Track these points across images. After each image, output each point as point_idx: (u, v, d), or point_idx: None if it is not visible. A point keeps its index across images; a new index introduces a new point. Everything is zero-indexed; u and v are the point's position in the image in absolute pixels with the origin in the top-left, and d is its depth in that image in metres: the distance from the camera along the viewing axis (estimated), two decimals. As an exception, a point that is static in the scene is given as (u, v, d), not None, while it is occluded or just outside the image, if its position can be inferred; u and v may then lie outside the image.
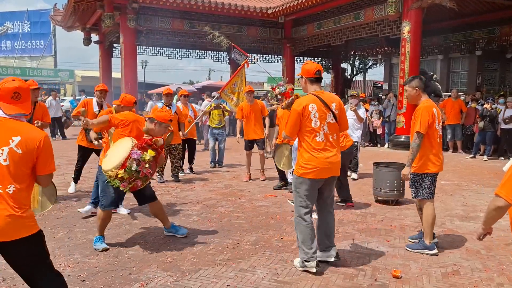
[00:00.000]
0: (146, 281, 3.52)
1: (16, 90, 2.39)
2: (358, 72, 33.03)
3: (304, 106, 3.63)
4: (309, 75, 3.76)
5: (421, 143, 4.11)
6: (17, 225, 2.29)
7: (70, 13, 18.21)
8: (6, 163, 2.30)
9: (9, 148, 2.31)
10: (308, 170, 3.66)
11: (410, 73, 12.77)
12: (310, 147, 3.66)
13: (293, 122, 3.69)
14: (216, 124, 9.41)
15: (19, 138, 2.33)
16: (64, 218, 5.37)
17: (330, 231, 3.89)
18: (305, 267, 3.69)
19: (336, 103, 3.76)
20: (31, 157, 2.37)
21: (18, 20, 34.87)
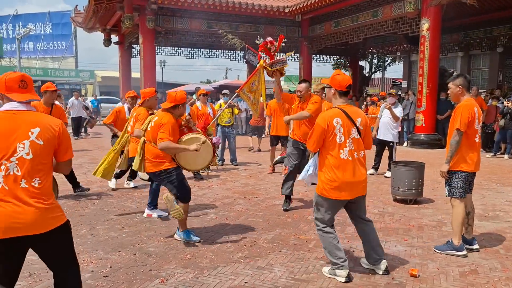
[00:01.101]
0: (166, 277, 3.61)
1: (22, 79, 2.39)
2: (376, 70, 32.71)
3: (329, 122, 3.50)
4: (340, 87, 3.61)
5: (460, 141, 4.05)
6: (48, 216, 2.32)
7: (91, 15, 18.55)
8: (29, 156, 2.28)
9: (30, 141, 2.29)
10: (331, 190, 3.53)
11: (430, 70, 12.64)
12: (333, 164, 3.52)
13: (317, 137, 3.54)
14: (225, 122, 9.50)
15: (38, 129, 2.31)
16: (86, 215, 5.52)
17: (374, 242, 3.71)
18: (334, 275, 3.58)
19: (362, 119, 3.64)
20: (53, 145, 2.37)
21: (40, 21, 35.67)
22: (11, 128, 2.28)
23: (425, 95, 12.76)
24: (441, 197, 6.57)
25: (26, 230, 2.25)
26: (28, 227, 2.25)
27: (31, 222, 2.25)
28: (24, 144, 2.27)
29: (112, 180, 6.69)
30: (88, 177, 7.98)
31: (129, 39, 20.44)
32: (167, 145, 4.23)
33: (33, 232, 2.27)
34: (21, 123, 2.30)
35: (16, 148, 2.26)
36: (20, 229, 2.24)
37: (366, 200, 6.14)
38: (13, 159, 2.25)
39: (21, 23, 34.80)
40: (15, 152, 2.26)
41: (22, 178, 2.26)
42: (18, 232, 2.24)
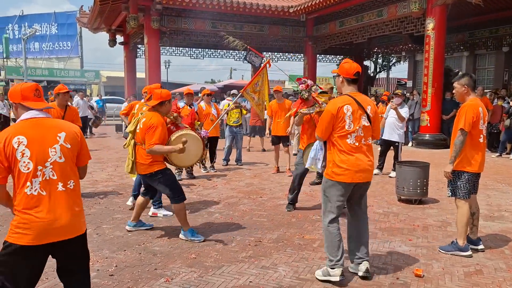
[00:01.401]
0: (171, 276, 3.63)
1: (36, 88, 2.46)
2: (381, 70, 32.62)
3: (339, 108, 3.50)
4: (347, 75, 3.60)
5: (464, 141, 4.04)
6: (81, 220, 2.43)
7: (96, 15, 18.64)
8: (62, 160, 2.36)
9: (60, 145, 2.36)
10: (340, 173, 3.52)
11: (435, 70, 12.60)
12: (342, 149, 3.52)
13: (326, 124, 3.54)
14: (233, 122, 9.53)
15: (64, 133, 2.40)
16: (92, 215, 5.55)
17: (362, 240, 3.68)
18: (328, 275, 3.53)
19: (372, 107, 3.64)
20: (77, 149, 2.47)
21: (45, 22, 35.88)
22: (40, 134, 2.33)
23: (430, 95, 12.72)
24: (446, 197, 6.53)
25: (63, 234, 2.32)
26: (63, 232, 2.32)
27: (66, 226, 2.33)
28: (55, 149, 2.35)
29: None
30: (93, 176, 8.03)
31: (134, 40, 20.51)
32: (155, 149, 4.25)
33: (68, 236, 2.35)
34: (48, 129, 2.37)
35: (49, 153, 2.33)
36: (57, 234, 2.30)
37: (371, 199, 6.20)
38: (47, 164, 2.32)
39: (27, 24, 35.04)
40: (48, 157, 2.32)
41: (58, 181, 2.34)
42: (52, 237, 2.30)
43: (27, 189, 2.28)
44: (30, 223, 2.26)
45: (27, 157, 2.28)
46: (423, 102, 13.04)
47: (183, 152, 4.26)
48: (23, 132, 2.31)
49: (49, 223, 2.27)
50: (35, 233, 2.25)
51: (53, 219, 2.28)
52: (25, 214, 2.27)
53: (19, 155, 2.27)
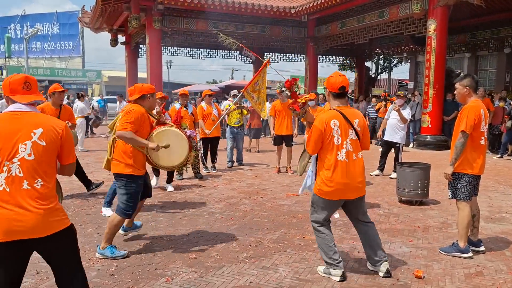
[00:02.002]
0: (171, 276, 3.64)
1: (25, 80, 2.37)
2: (382, 71, 32.61)
3: (326, 123, 3.50)
4: (332, 89, 3.58)
5: (465, 143, 4.02)
6: (50, 219, 2.28)
7: (98, 15, 18.65)
8: (31, 157, 2.25)
9: (32, 142, 2.26)
10: (327, 190, 3.52)
11: (436, 71, 12.59)
12: (330, 165, 3.50)
13: (315, 139, 3.54)
14: (234, 122, 9.53)
15: (41, 130, 2.29)
16: (93, 214, 5.56)
17: (373, 243, 3.68)
18: (329, 274, 3.60)
19: (360, 120, 3.62)
20: (56, 147, 2.34)
21: (47, 22, 35.95)
22: (13, 129, 2.26)
23: (432, 96, 12.71)
24: (447, 199, 6.51)
25: (27, 233, 2.22)
26: (30, 230, 2.22)
27: (32, 225, 2.22)
28: (26, 145, 2.25)
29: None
30: (94, 176, 8.03)
31: (135, 39, 20.53)
32: (124, 134, 3.88)
33: (35, 235, 2.24)
34: (24, 124, 2.28)
35: (18, 149, 2.24)
36: (21, 232, 2.21)
37: (372, 201, 6.19)
38: (15, 160, 2.23)
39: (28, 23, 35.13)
40: (17, 153, 2.23)
41: (24, 179, 2.24)
42: (19, 235, 2.21)
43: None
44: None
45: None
46: (424, 103, 13.02)
47: (157, 151, 3.99)
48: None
49: (11, 221, 2.19)
50: (2, 229, 2.18)
51: (14, 217, 2.19)
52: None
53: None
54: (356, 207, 3.72)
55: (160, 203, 6.10)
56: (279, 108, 8.51)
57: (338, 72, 3.77)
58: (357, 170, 3.57)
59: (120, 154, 4.05)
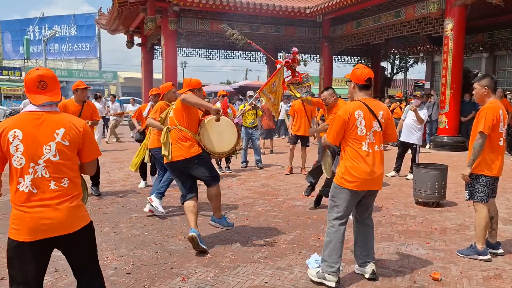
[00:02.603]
0: (187, 276, 3.66)
1: (40, 79, 2.30)
2: (398, 71, 32.31)
3: (350, 113, 3.47)
4: (359, 81, 3.57)
5: (483, 144, 3.97)
6: (75, 216, 2.32)
7: (115, 17, 18.89)
8: (56, 158, 2.26)
9: (56, 142, 2.27)
10: (350, 180, 3.48)
11: (453, 71, 12.42)
12: (353, 156, 3.48)
13: (337, 129, 3.51)
14: (249, 123, 9.54)
15: (63, 130, 2.29)
16: (110, 213, 5.63)
17: (368, 245, 3.68)
18: (323, 279, 3.49)
19: (384, 112, 3.59)
20: (77, 145, 2.35)
21: (65, 24, 36.54)
22: (36, 130, 2.26)
23: (449, 97, 12.54)
24: (464, 201, 6.41)
25: (55, 230, 2.26)
26: (57, 228, 2.26)
27: (59, 222, 2.26)
28: (50, 146, 2.26)
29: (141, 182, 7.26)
30: (110, 176, 8.14)
31: (151, 41, 20.73)
32: (190, 96, 4.18)
33: (61, 232, 2.28)
34: (46, 125, 2.28)
35: (43, 150, 2.25)
36: (49, 230, 2.25)
37: (388, 202, 6.15)
38: (40, 162, 2.24)
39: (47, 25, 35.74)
40: (41, 154, 2.25)
41: (51, 179, 2.26)
42: (47, 233, 2.25)
43: (19, 185, 2.24)
44: (22, 219, 2.23)
45: (20, 152, 2.22)
46: (441, 104, 12.85)
47: (219, 119, 4.23)
48: (20, 125, 2.25)
49: (38, 220, 2.22)
50: (28, 230, 2.21)
51: (42, 217, 2.22)
52: (17, 210, 2.25)
53: (13, 149, 2.22)
54: (368, 203, 3.69)
55: (175, 203, 6.14)
56: (298, 108, 8.50)
57: (362, 65, 3.75)
58: (378, 161, 3.55)
59: (180, 139, 4.28)
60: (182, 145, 4.27)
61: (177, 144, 4.28)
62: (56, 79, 2.38)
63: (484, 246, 4.09)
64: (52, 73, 2.39)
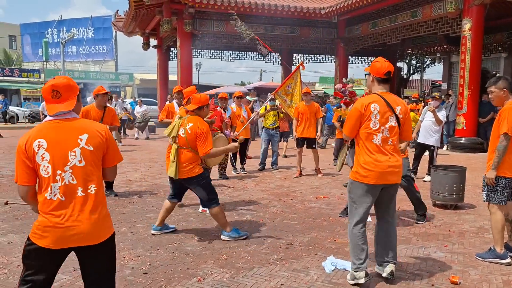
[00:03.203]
0: (203, 276, 3.68)
1: (53, 88, 2.27)
2: (415, 71, 31.94)
3: (366, 105, 3.44)
4: (378, 74, 3.52)
5: (507, 145, 3.89)
6: (102, 226, 2.29)
7: (131, 19, 19.11)
8: (82, 164, 2.25)
9: (81, 148, 2.26)
10: (364, 175, 3.47)
11: (471, 72, 12.23)
12: (367, 149, 3.47)
13: (353, 121, 3.50)
14: (270, 124, 9.52)
15: (86, 135, 2.28)
16: (126, 213, 5.69)
17: (389, 244, 3.61)
18: (354, 279, 3.50)
19: (402, 107, 3.53)
20: (102, 151, 2.34)
21: (82, 26, 37.05)
22: (60, 137, 2.25)
23: (467, 97, 12.35)
24: (483, 203, 6.32)
25: (82, 241, 2.24)
26: (83, 238, 2.23)
27: (86, 232, 2.23)
28: (75, 152, 2.25)
29: None
30: (127, 176, 8.22)
31: (167, 43, 20.90)
32: (212, 152, 4.45)
33: (86, 243, 2.25)
34: (69, 131, 2.27)
35: (68, 157, 2.24)
36: (74, 241, 2.22)
37: (405, 204, 6.07)
38: (67, 168, 2.23)
39: (65, 28, 36.30)
40: (67, 161, 2.24)
41: (78, 186, 2.24)
42: (71, 243, 2.23)
43: (47, 193, 2.23)
44: (48, 227, 2.21)
45: (47, 161, 2.22)
46: (459, 105, 12.67)
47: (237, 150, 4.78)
48: (43, 135, 2.25)
49: (66, 230, 2.20)
50: (53, 238, 2.21)
51: (70, 226, 2.21)
52: (45, 218, 2.23)
53: (39, 159, 2.22)
54: (387, 199, 3.61)
55: (190, 204, 6.18)
56: (303, 110, 8.35)
57: (382, 58, 3.69)
58: (394, 154, 3.49)
59: (187, 161, 4.51)
60: (187, 167, 4.51)
61: (182, 165, 4.52)
62: (70, 87, 2.33)
63: (503, 249, 4.02)
64: (67, 81, 2.33)
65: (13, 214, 5.56)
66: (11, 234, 4.76)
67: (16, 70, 33.28)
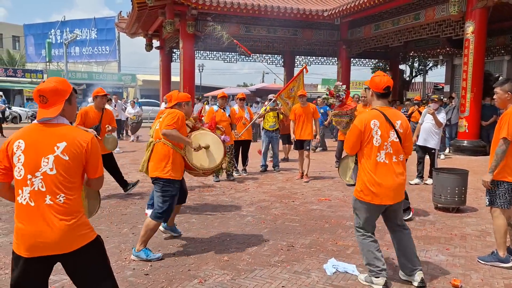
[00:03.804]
0: (204, 278, 3.68)
1: (39, 93, 2.22)
2: (417, 74, 31.91)
3: (366, 123, 3.42)
4: (377, 89, 3.50)
5: (506, 150, 3.88)
6: (72, 235, 2.20)
7: (134, 21, 19.16)
8: (53, 172, 2.17)
9: (55, 156, 2.17)
10: (368, 194, 3.43)
11: (474, 75, 12.22)
12: (370, 168, 3.42)
13: (354, 139, 3.47)
14: (270, 126, 9.51)
15: (64, 144, 2.19)
16: (128, 214, 5.70)
17: (408, 251, 3.57)
18: (371, 282, 3.51)
19: (402, 121, 3.50)
20: (80, 161, 2.24)
21: (86, 27, 37.15)
22: (38, 141, 2.20)
23: (469, 100, 12.33)
24: (485, 206, 6.31)
25: (50, 249, 2.17)
26: (52, 246, 2.17)
27: (55, 241, 2.16)
28: (48, 159, 2.17)
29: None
30: (129, 177, 8.22)
31: (169, 44, 20.94)
32: (171, 132, 4.03)
33: (58, 251, 2.19)
34: (48, 137, 2.20)
35: (41, 163, 2.17)
36: (44, 248, 2.16)
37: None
38: (37, 174, 2.17)
39: (68, 29, 36.40)
40: (39, 167, 2.17)
41: (46, 194, 2.17)
42: (42, 251, 2.17)
43: (18, 196, 2.19)
44: (19, 233, 2.18)
45: (21, 163, 2.18)
46: (461, 108, 12.64)
47: (198, 150, 4.29)
48: (25, 136, 2.22)
49: (33, 236, 2.15)
50: (25, 246, 2.16)
51: (37, 233, 2.15)
52: (17, 225, 2.19)
53: (16, 160, 2.19)
54: (395, 212, 3.62)
55: (192, 205, 6.19)
56: (299, 112, 8.28)
57: (382, 72, 3.70)
58: (398, 172, 3.45)
59: (158, 157, 4.18)
60: (158, 165, 4.16)
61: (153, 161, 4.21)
62: (57, 92, 2.24)
63: (506, 253, 4.01)
64: (54, 86, 2.24)
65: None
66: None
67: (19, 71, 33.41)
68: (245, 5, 15.94)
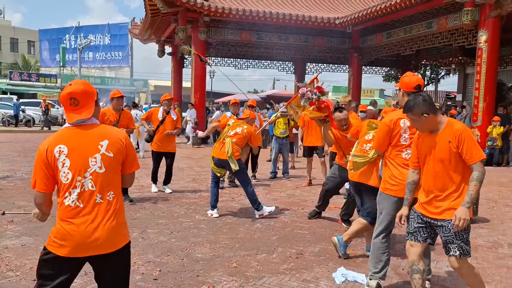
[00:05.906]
0: (213, 284, 3.68)
1: (70, 96, 2.24)
2: (429, 82, 31.70)
3: (395, 121, 3.46)
4: (407, 88, 3.49)
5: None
6: (118, 234, 2.27)
7: (147, 27, 19.39)
8: (102, 170, 2.24)
9: (101, 154, 2.24)
10: (393, 187, 3.48)
11: (487, 84, 12.12)
12: (396, 163, 3.48)
13: (382, 137, 3.54)
14: (280, 132, 9.50)
15: (106, 141, 2.27)
16: (138, 219, 5.73)
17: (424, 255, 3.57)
18: (368, 286, 3.56)
19: None
20: (122, 157, 2.32)
21: (99, 33, 37.70)
22: (81, 143, 2.24)
23: (482, 110, 12.23)
24: (497, 217, 6.25)
25: (98, 249, 2.21)
26: (101, 246, 2.21)
27: (104, 240, 2.21)
28: (95, 158, 2.23)
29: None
30: (139, 182, 8.28)
31: (181, 50, 21.11)
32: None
33: (103, 251, 2.23)
34: (89, 137, 2.26)
35: (89, 163, 2.22)
36: (92, 248, 2.20)
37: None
38: (87, 175, 2.22)
39: (82, 34, 36.98)
40: (88, 167, 2.22)
41: (97, 193, 2.23)
42: (89, 251, 2.21)
43: (66, 199, 2.22)
44: (66, 235, 2.19)
45: (67, 167, 2.21)
46: (473, 117, 12.54)
47: None
48: (64, 141, 2.24)
49: (83, 237, 2.18)
50: (71, 246, 2.18)
51: (87, 234, 2.19)
52: (63, 226, 2.21)
53: (60, 165, 2.21)
54: None
55: (201, 211, 6.20)
56: (308, 118, 8.28)
57: (411, 72, 3.72)
58: None
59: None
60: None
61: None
62: (88, 94, 2.29)
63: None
64: (84, 88, 2.29)
65: (27, 216, 5.64)
66: (25, 236, 4.83)
67: (34, 75, 33.96)
68: (257, 12, 16.04)
